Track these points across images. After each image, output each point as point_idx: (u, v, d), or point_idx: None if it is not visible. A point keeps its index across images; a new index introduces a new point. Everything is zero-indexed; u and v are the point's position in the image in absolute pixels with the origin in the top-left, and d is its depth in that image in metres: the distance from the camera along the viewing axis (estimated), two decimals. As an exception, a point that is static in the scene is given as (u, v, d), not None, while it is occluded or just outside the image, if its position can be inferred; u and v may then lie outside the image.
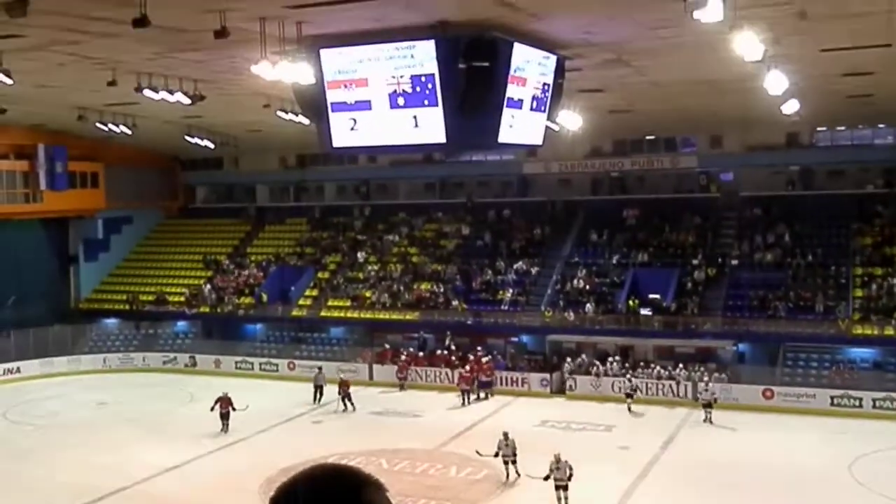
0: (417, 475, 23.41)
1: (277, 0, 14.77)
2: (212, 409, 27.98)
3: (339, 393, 30.78)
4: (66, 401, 33.36)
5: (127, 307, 42.37)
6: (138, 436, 27.47)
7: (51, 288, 42.78)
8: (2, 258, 39.40)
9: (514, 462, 22.62)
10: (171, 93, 23.42)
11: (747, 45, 16.18)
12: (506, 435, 22.80)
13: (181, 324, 41.67)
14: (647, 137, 39.63)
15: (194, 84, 23.97)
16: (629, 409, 29.56)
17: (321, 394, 32.11)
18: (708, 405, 28.31)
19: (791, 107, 26.68)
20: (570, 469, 20.46)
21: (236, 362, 37.90)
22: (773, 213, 36.83)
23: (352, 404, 30.74)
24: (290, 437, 27.76)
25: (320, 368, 33.19)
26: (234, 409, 27.83)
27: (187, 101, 24.02)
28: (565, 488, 20.38)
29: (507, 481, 22.59)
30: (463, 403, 31.59)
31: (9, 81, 19.82)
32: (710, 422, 28.01)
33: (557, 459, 20.69)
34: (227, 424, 27.71)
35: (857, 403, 28.93)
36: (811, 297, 32.76)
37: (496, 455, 22.66)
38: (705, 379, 29.95)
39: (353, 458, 24.89)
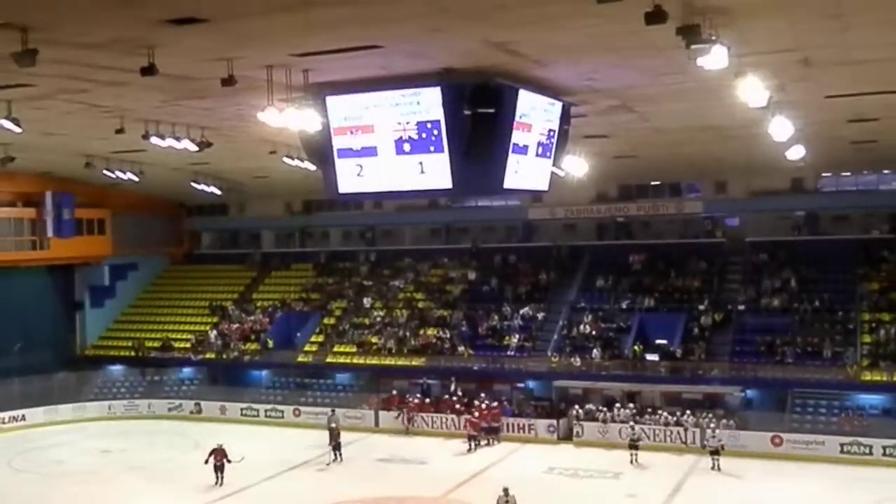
0: (423, 524, 23.07)
1: (284, 48, 14.92)
2: (206, 461, 27.11)
3: (330, 443, 29.89)
4: (70, 449, 33.11)
5: (132, 354, 42.24)
6: (143, 485, 27.19)
7: (56, 335, 42.72)
8: (8, 305, 39.42)
9: None
10: (178, 140, 23.60)
11: (751, 91, 16.28)
12: (506, 491, 22.22)
13: (187, 370, 41.50)
14: (652, 183, 39.73)
15: (201, 131, 24.16)
16: (634, 460, 29.07)
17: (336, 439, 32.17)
18: (715, 452, 28.00)
19: (796, 152, 26.78)
20: None
21: (241, 409, 37.66)
22: (779, 258, 36.74)
23: (340, 455, 29.75)
24: (295, 485, 27.48)
25: (333, 410, 33.13)
26: (228, 462, 27.02)
27: (194, 147, 24.18)
28: None
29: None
30: (469, 449, 31.25)
31: (17, 130, 19.98)
32: (718, 469, 27.69)
33: (506, 492, 22.00)
34: (222, 477, 26.94)
35: (867, 451, 28.54)
36: (819, 342, 32.53)
37: None
38: (712, 426, 29.65)
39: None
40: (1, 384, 36.89)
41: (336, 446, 29.84)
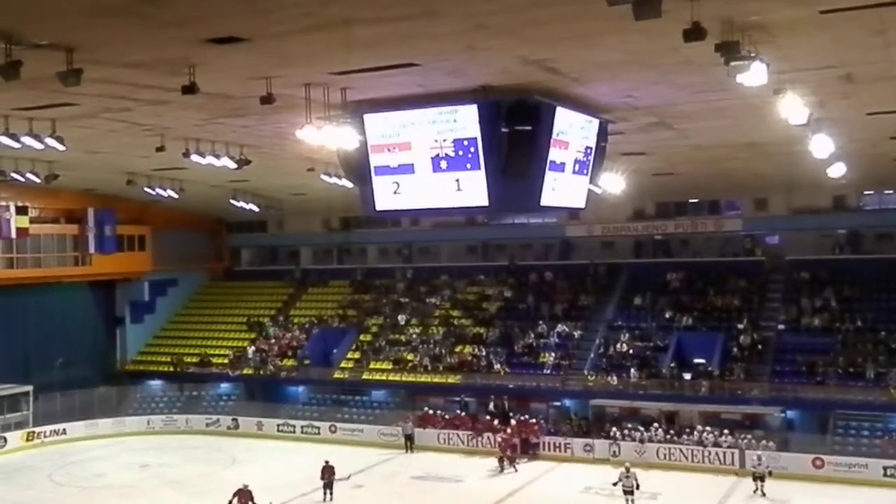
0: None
1: (322, 66, 15.07)
2: (229, 503, 25.21)
3: (322, 478, 27.58)
4: (110, 463, 33.48)
5: (171, 369, 42.67)
6: (181, 499, 27.35)
7: (97, 349, 43.31)
8: (50, 320, 40.10)
9: None
10: (218, 157, 23.87)
11: (792, 108, 16.13)
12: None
13: (224, 386, 41.80)
14: (691, 200, 39.42)
15: (240, 149, 24.44)
16: (760, 490, 27.38)
17: (412, 442, 33.34)
18: (761, 478, 27.35)
19: (837, 170, 26.42)
20: (637, 480, 25.40)
21: (278, 425, 37.81)
22: (821, 276, 36.18)
23: (331, 494, 27.51)
24: (331, 502, 27.44)
25: (409, 417, 33.88)
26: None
27: (233, 165, 24.45)
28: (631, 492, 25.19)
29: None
30: (502, 470, 30.76)
31: (61, 148, 20.36)
32: (763, 494, 27.05)
33: (627, 469, 25.71)
34: None
35: (912, 474, 27.93)
36: (861, 363, 31.94)
37: None
38: (759, 452, 28.78)
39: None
40: (43, 398, 37.45)
41: (329, 484, 27.60)
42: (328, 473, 27.34)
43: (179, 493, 28.55)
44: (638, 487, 25.58)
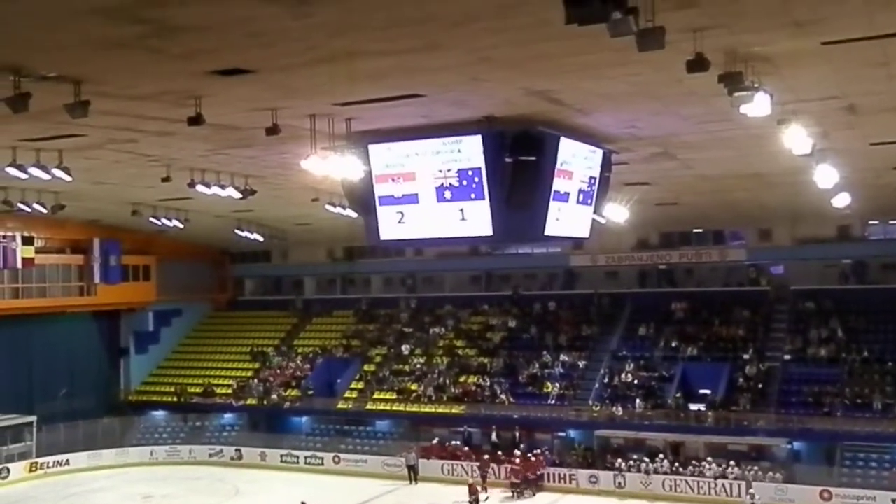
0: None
1: (327, 98, 15.16)
2: None
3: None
4: (113, 494, 33.28)
5: (175, 399, 42.53)
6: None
7: (101, 380, 43.21)
8: (55, 350, 40.07)
9: None
10: (223, 188, 23.97)
11: (796, 138, 16.17)
12: None
13: (228, 416, 41.65)
14: (695, 230, 39.41)
15: (245, 179, 24.54)
16: None
17: (416, 473, 33.26)
18: None
19: (842, 200, 26.42)
20: None
21: (281, 455, 37.58)
22: (826, 307, 36.04)
23: None
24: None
25: (411, 449, 33.94)
26: None
27: (238, 195, 24.54)
28: None
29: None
30: (513, 495, 30.77)
31: (68, 178, 20.44)
32: None
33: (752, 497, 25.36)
34: None
35: (921, 506, 27.63)
36: (868, 394, 31.73)
37: None
38: (752, 490, 28.33)
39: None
40: (46, 429, 37.31)
41: None
42: None
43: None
44: None
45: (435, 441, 35.76)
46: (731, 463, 30.66)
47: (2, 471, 35.06)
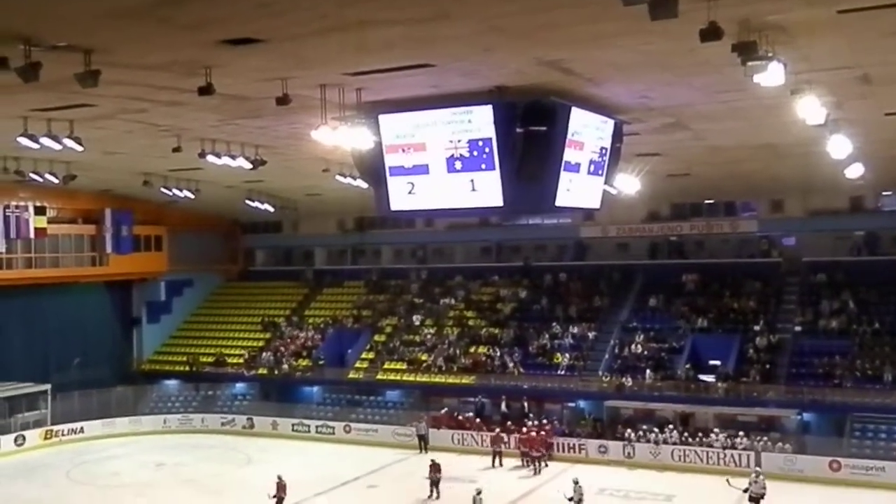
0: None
1: (338, 67, 15.11)
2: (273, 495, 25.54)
3: (277, 495, 25.86)
4: (126, 461, 33.67)
5: (187, 369, 42.87)
6: (195, 499, 27.50)
7: (114, 349, 43.58)
8: (68, 320, 40.36)
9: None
10: (234, 158, 23.99)
11: (809, 109, 16.04)
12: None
13: (239, 385, 41.99)
14: (707, 201, 39.26)
15: (256, 149, 24.55)
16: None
17: (426, 442, 33.53)
18: (757, 500, 24.97)
19: (855, 171, 26.25)
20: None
21: (293, 424, 37.91)
22: (838, 279, 35.95)
23: None
24: (347, 501, 27.54)
25: (422, 418, 34.24)
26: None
27: (249, 165, 24.57)
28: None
29: None
30: (523, 464, 31.10)
31: (79, 149, 20.50)
32: None
33: (757, 474, 24.86)
34: None
35: (930, 477, 27.70)
36: (879, 366, 31.72)
37: None
38: (757, 468, 26.97)
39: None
40: (61, 398, 37.71)
41: (279, 501, 25.96)
42: (282, 490, 26.03)
43: (195, 491, 28.68)
44: (763, 497, 24.61)
45: (444, 411, 35.97)
46: (741, 433, 30.76)
47: (17, 438, 35.51)
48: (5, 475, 31.42)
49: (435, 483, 27.71)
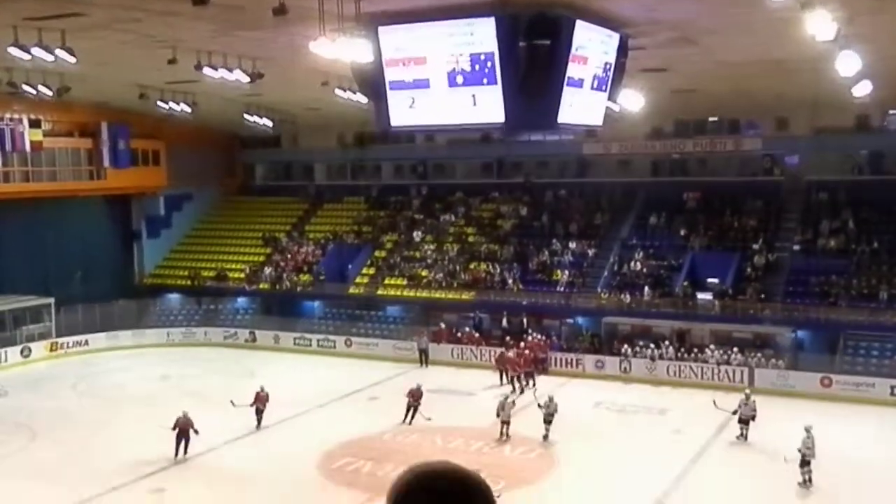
0: (472, 453, 23.46)
1: (337, -23, 14.71)
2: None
3: (254, 404, 26.39)
4: (131, 374, 34.13)
5: (189, 283, 43.12)
6: (200, 409, 27.83)
7: (115, 264, 43.75)
8: (68, 234, 40.40)
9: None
10: (231, 71, 23.62)
11: (819, 23, 15.67)
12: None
13: (241, 300, 42.31)
14: (711, 119, 38.85)
15: (253, 62, 24.15)
16: (743, 435, 24.88)
17: (427, 357, 33.88)
18: (746, 422, 24.52)
19: (863, 89, 25.85)
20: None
21: (294, 338, 38.35)
22: (839, 198, 35.84)
23: (259, 421, 26.33)
24: (347, 413, 28.04)
25: (423, 333, 34.74)
26: (196, 433, 23.88)
27: (246, 79, 24.21)
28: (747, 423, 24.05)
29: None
30: (513, 390, 30.24)
31: (72, 60, 20.15)
32: (745, 439, 24.56)
33: (747, 396, 24.39)
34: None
35: (920, 394, 28.14)
36: (875, 285, 31.89)
37: None
38: (747, 391, 26.18)
39: (409, 435, 25.12)
40: (64, 311, 38.02)
41: (259, 412, 26.42)
42: (260, 401, 26.41)
43: (199, 402, 29.10)
44: (753, 419, 24.20)
45: (442, 326, 36.30)
46: (735, 350, 31.12)
47: (23, 350, 35.97)
48: (13, 386, 31.92)
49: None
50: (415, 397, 26.54)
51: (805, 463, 21.06)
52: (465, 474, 1.97)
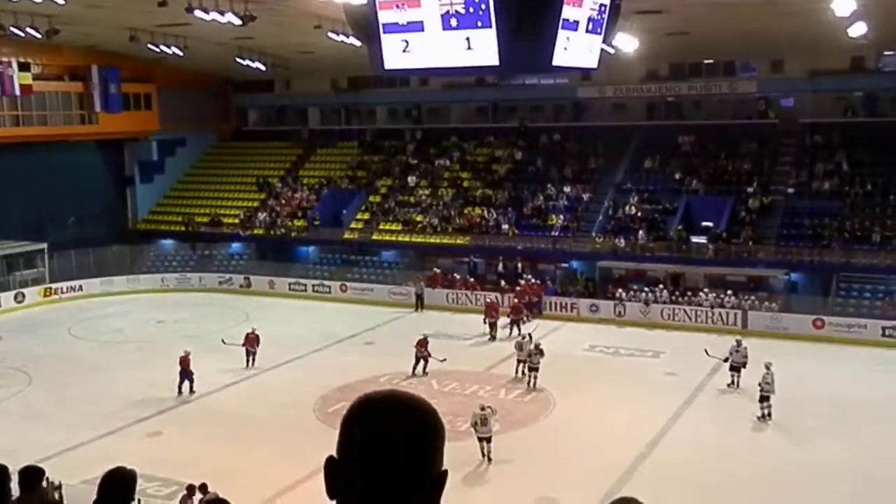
0: (467, 396, 23.76)
1: (329, -83, 14.48)
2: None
3: (244, 345, 27.07)
4: (126, 318, 34.34)
5: (183, 228, 43.09)
6: (197, 353, 28.09)
7: (108, 209, 43.64)
8: (60, 179, 40.13)
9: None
10: (222, 13, 23.35)
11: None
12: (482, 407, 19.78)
13: (236, 245, 42.34)
14: (706, 61, 38.57)
15: (245, 4, 23.84)
16: (735, 382, 24.38)
17: (422, 302, 34.17)
18: (738, 369, 24.02)
19: (858, 29, 25.68)
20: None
21: (289, 283, 38.49)
22: (834, 140, 35.79)
23: (253, 361, 26.87)
24: (342, 357, 28.27)
25: (419, 278, 34.95)
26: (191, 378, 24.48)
27: (238, 21, 23.93)
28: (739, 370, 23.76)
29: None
30: (510, 334, 30.24)
31: (60, 1, 19.86)
32: (737, 386, 24.00)
33: (738, 342, 24.15)
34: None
35: (910, 334, 28.49)
36: (868, 227, 32.04)
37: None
38: (739, 337, 25.50)
39: (404, 379, 25.41)
40: (58, 256, 38.04)
41: (251, 354, 27.04)
42: (250, 343, 26.84)
43: (196, 347, 29.31)
44: (745, 366, 23.61)
45: (437, 271, 36.45)
46: (728, 292, 31.36)
47: (17, 295, 36.07)
48: (8, 331, 32.09)
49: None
50: (423, 347, 26.37)
51: (764, 398, 21.48)
52: (409, 396, 2.04)
